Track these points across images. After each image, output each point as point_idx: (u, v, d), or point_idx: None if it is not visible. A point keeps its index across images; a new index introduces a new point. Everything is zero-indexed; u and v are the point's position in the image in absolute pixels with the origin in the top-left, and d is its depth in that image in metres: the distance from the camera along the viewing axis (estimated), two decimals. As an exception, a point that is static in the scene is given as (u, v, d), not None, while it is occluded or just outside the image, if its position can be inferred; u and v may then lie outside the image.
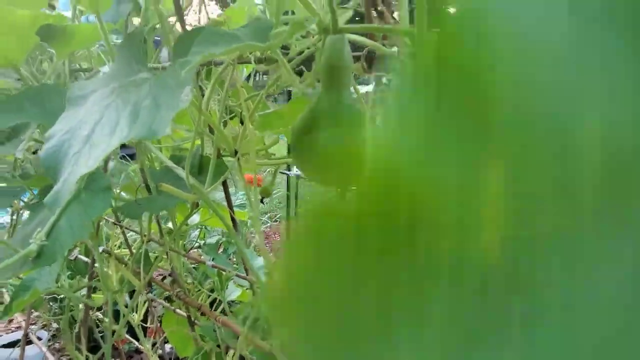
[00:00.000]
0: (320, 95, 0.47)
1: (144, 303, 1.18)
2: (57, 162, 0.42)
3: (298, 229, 0.09)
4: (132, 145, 0.92)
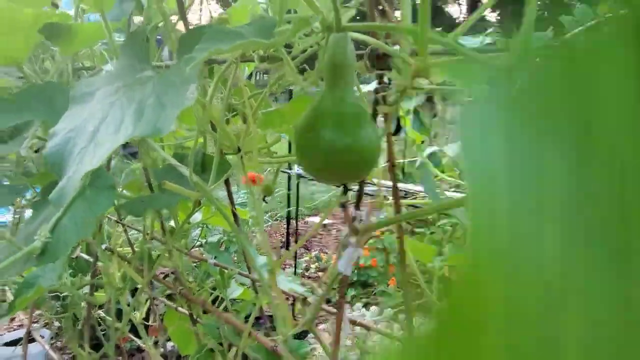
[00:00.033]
0: (323, 94, 0.47)
1: (146, 301, 1.18)
2: (62, 159, 0.42)
3: None
4: (133, 145, 0.92)
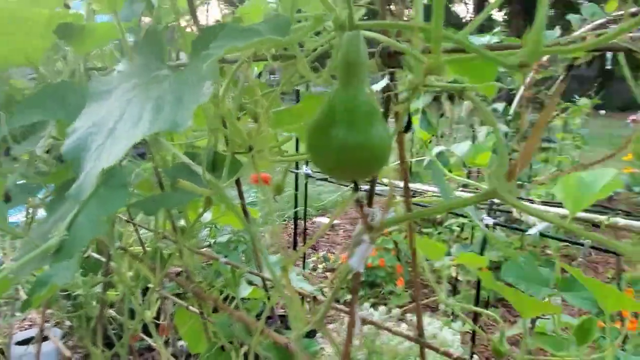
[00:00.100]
0: (336, 91, 0.47)
1: (157, 300, 1.19)
2: (80, 155, 0.42)
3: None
4: (139, 146, 0.93)
